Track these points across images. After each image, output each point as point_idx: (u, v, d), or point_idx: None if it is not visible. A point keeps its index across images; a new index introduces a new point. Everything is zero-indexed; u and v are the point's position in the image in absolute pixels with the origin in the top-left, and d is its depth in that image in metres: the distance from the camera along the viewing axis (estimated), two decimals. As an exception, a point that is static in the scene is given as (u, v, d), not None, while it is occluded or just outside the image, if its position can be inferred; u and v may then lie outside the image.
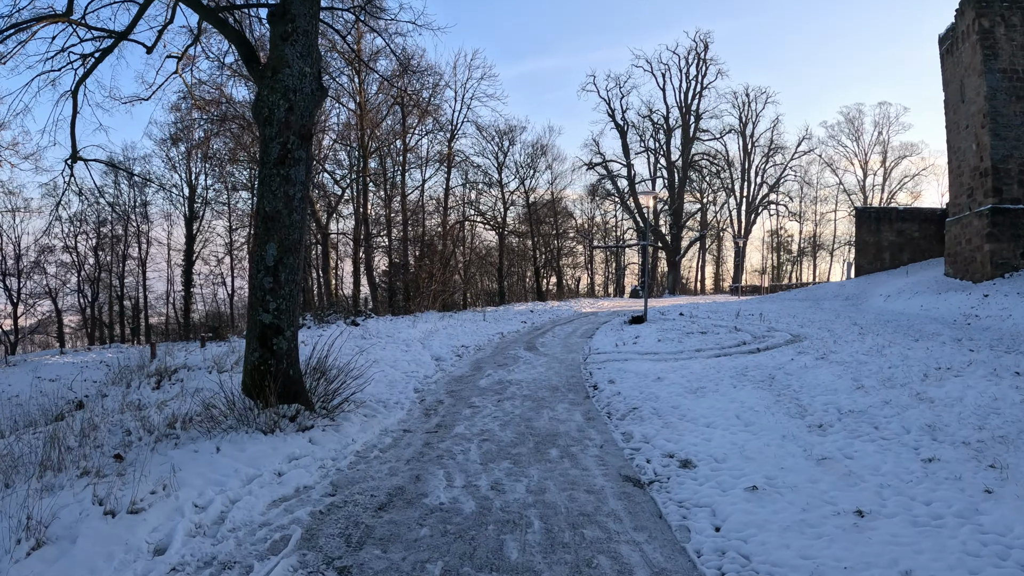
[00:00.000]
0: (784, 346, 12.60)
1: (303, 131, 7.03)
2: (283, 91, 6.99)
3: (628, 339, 15.01)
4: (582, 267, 55.17)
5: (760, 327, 16.30)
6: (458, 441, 6.52)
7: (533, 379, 10.41)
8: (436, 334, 16.59)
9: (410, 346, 13.84)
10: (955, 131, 26.07)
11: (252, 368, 6.93)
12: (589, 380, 10.35)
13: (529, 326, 20.54)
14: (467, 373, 11.17)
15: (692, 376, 9.58)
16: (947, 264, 26.61)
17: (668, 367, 10.58)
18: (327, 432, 6.48)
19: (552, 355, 13.46)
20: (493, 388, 9.65)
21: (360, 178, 26.27)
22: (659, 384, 9.18)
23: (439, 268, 29.41)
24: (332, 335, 15.17)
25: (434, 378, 10.56)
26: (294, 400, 6.86)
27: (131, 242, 50.46)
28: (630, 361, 11.63)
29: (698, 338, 14.14)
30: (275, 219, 6.84)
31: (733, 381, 9.09)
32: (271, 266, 6.81)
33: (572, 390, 9.52)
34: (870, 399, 7.70)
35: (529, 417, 7.64)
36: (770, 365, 10.22)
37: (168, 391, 10.69)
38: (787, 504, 4.67)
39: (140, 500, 5.02)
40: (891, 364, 9.74)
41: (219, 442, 6.37)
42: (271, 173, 6.90)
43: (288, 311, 6.88)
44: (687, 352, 12.37)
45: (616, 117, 48.39)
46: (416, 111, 28.82)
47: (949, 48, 26.27)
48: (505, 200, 38.63)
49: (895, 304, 23.95)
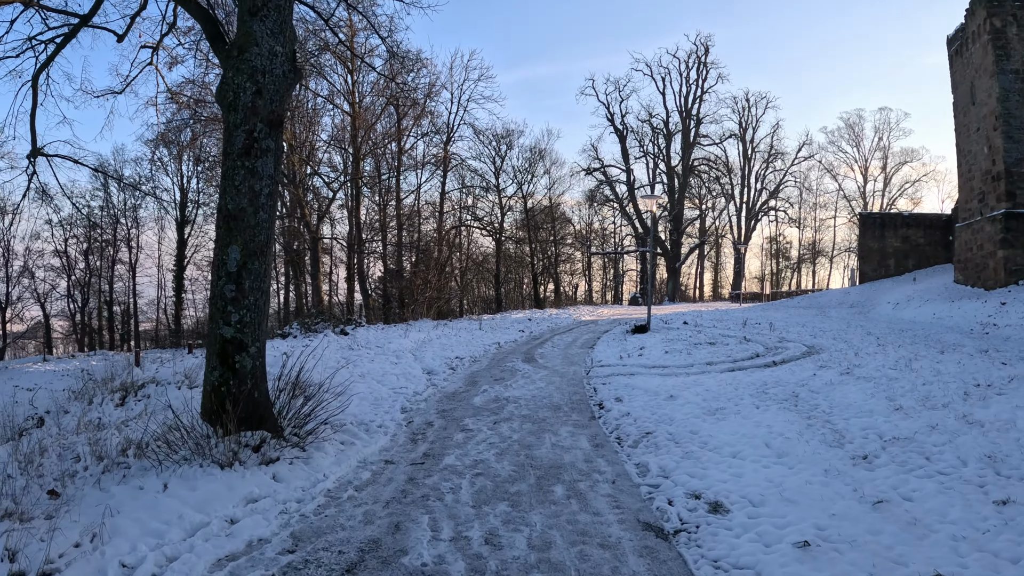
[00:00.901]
0: (801, 359, 11.75)
1: (272, 117, 6.16)
2: (250, 72, 6.13)
3: (632, 350, 14.14)
4: (580, 274, 54.36)
5: (771, 337, 15.45)
6: (447, 476, 5.62)
7: (532, 396, 9.52)
8: (429, 344, 15.69)
9: (400, 358, 12.94)
10: (965, 134, 25.38)
11: (211, 389, 6.03)
12: (593, 397, 9.46)
13: (527, 335, 19.66)
14: (461, 389, 10.27)
15: (708, 394, 8.70)
16: (957, 271, 25.85)
17: (680, 383, 9.70)
18: (295, 465, 5.57)
19: (552, 368, 12.58)
20: (489, 407, 8.75)
21: (353, 181, 25.39)
22: (673, 404, 8.30)
23: (434, 274, 28.54)
24: (318, 345, 14.26)
25: (424, 395, 9.65)
26: (259, 426, 5.96)
27: (121, 246, 49.47)
28: (637, 376, 10.75)
29: (707, 350, 13.28)
30: (239, 218, 5.95)
31: (755, 400, 8.22)
32: (233, 272, 5.93)
33: (575, 409, 8.63)
34: (913, 423, 6.83)
35: (529, 443, 6.74)
36: (791, 381, 9.35)
37: (132, 408, 9.78)
38: (849, 567, 3.79)
39: (58, 557, 4.13)
40: (925, 380, 8.89)
41: (169, 477, 5.47)
42: (235, 165, 6.02)
43: (253, 324, 5.99)
44: (698, 366, 11.50)
45: (615, 121, 47.76)
46: (412, 112, 28.03)
47: (958, 49, 25.60)
48: (502, 205, 37.82)
49: (905, 312, 23.15)
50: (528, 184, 39.91)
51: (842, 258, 61.97)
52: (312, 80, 26.13)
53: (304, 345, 14.12)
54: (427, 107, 28.96)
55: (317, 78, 25.95)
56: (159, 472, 5.62)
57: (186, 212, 44.54)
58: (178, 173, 43.99)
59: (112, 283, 49.14)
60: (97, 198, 48.47)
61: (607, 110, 47.56)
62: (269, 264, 6.15)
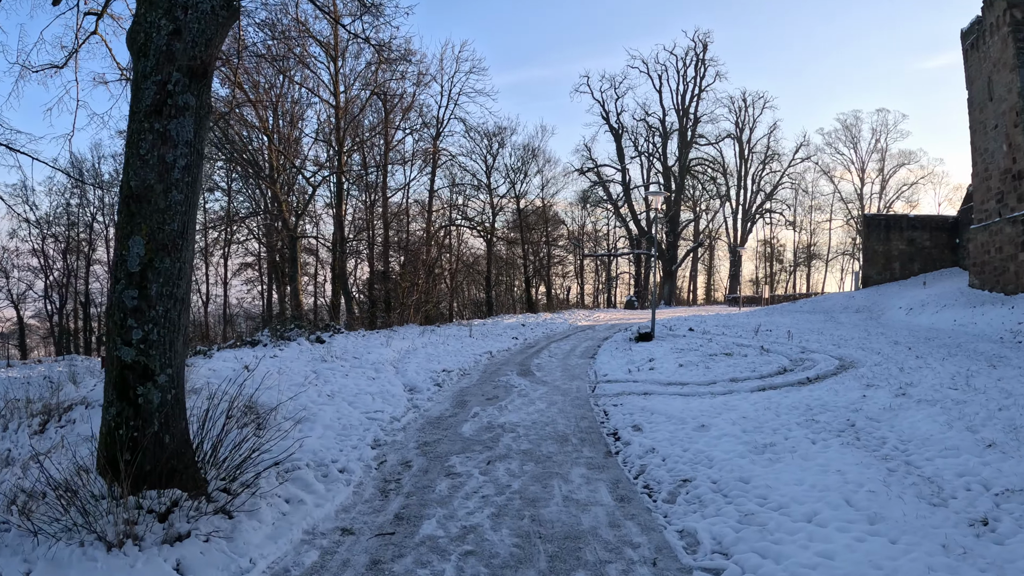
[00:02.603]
0: (838, 374, 10.31)
1: (194, 65, 4.59)
2: (167, 7, 4.57)
3: (640, 362, 12.64)
4: (572, 277, 52.92)
5: (791, 347, 14.03)
6: (426, 556, 4.06)
7: (533, 422, 7.99)
8: (414, 354, 14.10)
9: (379, 371, 11.36)
10: (981, 131, 24.18)
11: (108, 432, 4.45)
12: (606, 424, 7.94)
13: (521, 343, 18.12)
14: (447, 412, 8.70)
15: (746, 423, 7.21)
16: (972, 274, 24.62)
17: (707, 407, 8.20)
18: (212, 544, 3.99)
19: (552, 383, 11.06)
20: (481, 438, 7.20)
21: (336, 176, 23.74)
22: (706, 436, 6.80)
23: (422, 276, 26.96)
24: (287, 356, 12.65)
25: (403, 420, 8.08)
26: (170, 482, 4.38)
27: (98, 244, 47.37)
28: (653, 396, 9.25)
29: (726, 363, 11.81)
30: (144, 199, 4.38)
31: (806, 431, 6.74)
32: (136, 273, 4.35)
33: (586, 441, 7.11)
34: (1017, 464, 5.38)
35: (534, 496, 5.21)
36: (839, 405, 7.89)
37: (50, 437, 8.15)
38: None
39: None
40: (999, 404, 7.47)
41: (38, 558, 3.92)
42: (140, 128, 4.45)
43: (162, 343, 4.41)
44: (721, 383, 10.02)
45: (611, 120, 46.42)
46: (400, 104, 26.46)
47: (974, 43, 24.42)
48: (494, 205, 36.27)
49: (921, 318, 21.87)
50: (521, 183, 38.43)
51: (838, 261, 61.12)
52: (297, 74, 24.56)
53: (272, 355, 12.51)
54: (416, 98, 27.39)
55: (301, 69, 24.36)
56: (34, 546, 4.06)
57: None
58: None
59: (88, 283, 47.06)
60: (75, 195, 46.51)
61: (602, 108, 46.25)
62: (187, 263, 4.57)
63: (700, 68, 46.23)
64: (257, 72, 22.86)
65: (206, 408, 5.35)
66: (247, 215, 34.23)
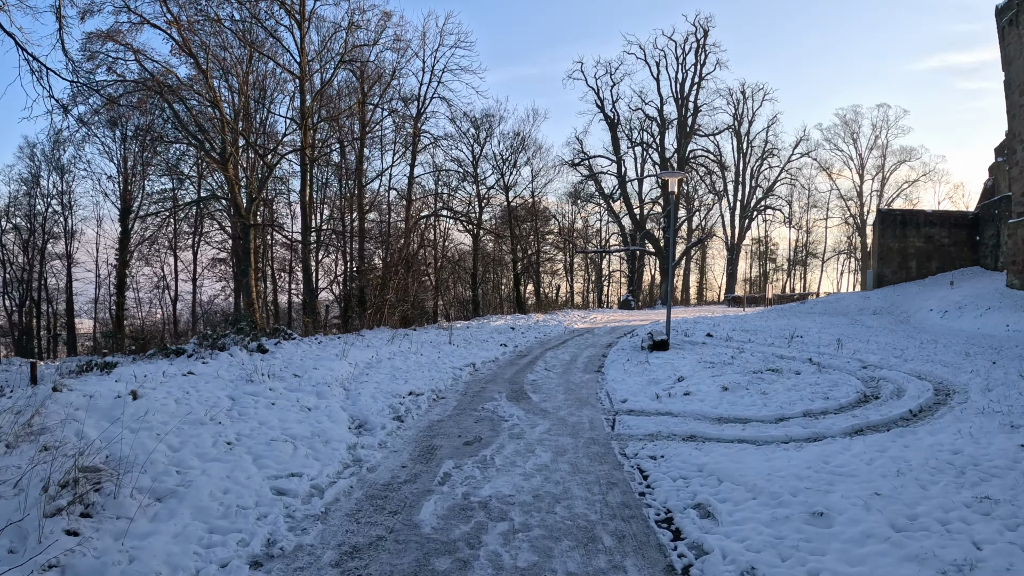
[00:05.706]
0: (944, 403, 7.58)
1: None
2: None
3: (666, 381, 9.83)
4: (561, 275, 50.08)
5: (845, 360, 11.31)
6: None
7: (533, 496, 5.12)
8: (375, 369, 11.16)
9: (323, 396, 8.42)
10: (1021, 117, 21.75)
11: None
12: (648, 497, 5.10)
13: (511, 351, 15.24)
14: (402, 473, 5.79)
15: (884, 503, 4.39)
16: (1011, 274, 22.16)
17: (800, 466, 5.37)
18: None
19: (555, 413, 8.21)
20: (450, 538, 4.33)
21: (300, 153, 20.65)
22: (833, 538, 3.98)
23: (400, 271, 24.01)
24: (207, 373, 9.66)
25: (329, 494, 5.13)
26: None
27: (58, 236, 43.73)
28: (708, 444, 6.42)
29: (780, 383, 9.04)
30: None
31: (991, 524, 3.95)
32: None
33: (627, 540, 4.26)
34: None
35: None
36: (995, 460, 5.12)
37: None
38: None
39: None
40: None
41: None
42: None
43: None
44: (794, 418, 7.23)
45: (605, 108, 43.54)
46: (379, 80, 23.42)
47: (1013, 19, 21.96)
48: (481, 197, 33.31)
49: (961, 322, 19.34)
50: (510, 174, 35.49)
51: (834, 260, 58.90)
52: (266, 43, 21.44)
53: (187, 372, 9.54)
54: (397, 69, 24.33)
55: (266, 38, 21.25)
56: None
57: (128, 199, 38.83)
58: (121, 157, 38.12)
59: (44, 278, 43.47)
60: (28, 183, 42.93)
61: (596, 96, 43.31)
62: None
63: (700, 55, 43.55)
64: (211, 35, 19.74)
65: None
66: (191, 202, 30.96)
